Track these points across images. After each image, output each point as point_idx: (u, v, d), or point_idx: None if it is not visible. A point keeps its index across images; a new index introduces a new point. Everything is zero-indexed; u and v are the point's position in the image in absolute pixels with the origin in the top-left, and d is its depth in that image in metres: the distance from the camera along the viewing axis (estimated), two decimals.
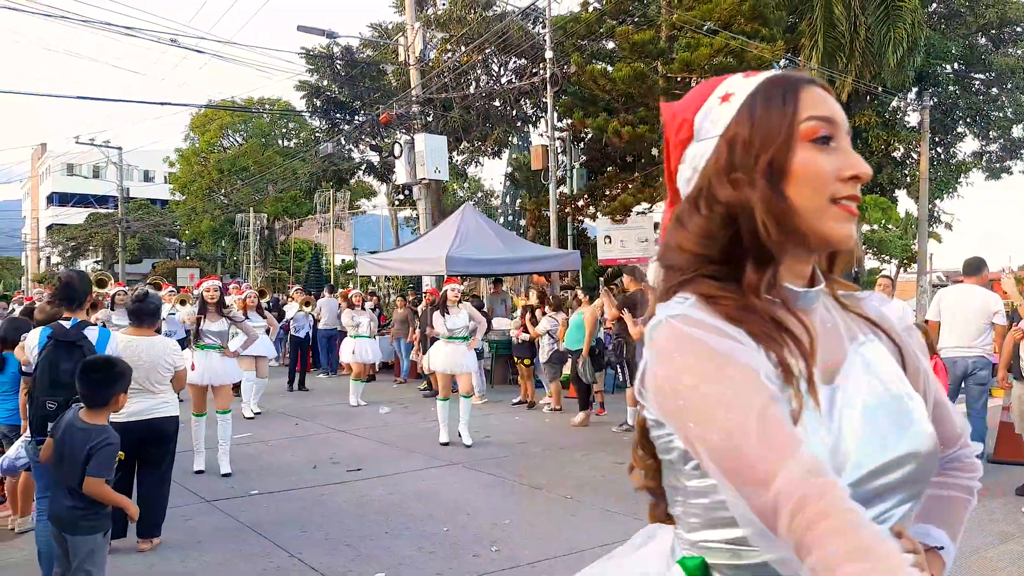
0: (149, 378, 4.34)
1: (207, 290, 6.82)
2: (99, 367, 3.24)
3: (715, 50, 13.75)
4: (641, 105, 15.03)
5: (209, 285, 6.92)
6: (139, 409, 4.33)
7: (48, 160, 63.21)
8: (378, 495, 5.97)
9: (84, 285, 3.98)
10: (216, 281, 7.08)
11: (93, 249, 51.23)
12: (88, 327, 3.86)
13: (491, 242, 13.08)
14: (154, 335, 4.52)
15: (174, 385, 4.57)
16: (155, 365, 4.37)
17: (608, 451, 7.46)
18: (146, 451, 4.27)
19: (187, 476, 6.52)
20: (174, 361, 4.53)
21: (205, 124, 42.66)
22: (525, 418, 9.61)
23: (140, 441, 4.26)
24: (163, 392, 4.49)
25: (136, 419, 4.30)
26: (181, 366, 4.62)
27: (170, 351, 4.55)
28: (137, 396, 4.31)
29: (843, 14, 16.84)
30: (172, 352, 4.56)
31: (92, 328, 3.90)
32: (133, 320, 4.46)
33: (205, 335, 6.69)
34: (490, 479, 6.47)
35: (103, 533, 3.21)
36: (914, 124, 21.35)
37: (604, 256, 16.41)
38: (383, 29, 22.55)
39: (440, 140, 16.57)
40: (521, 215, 22.57)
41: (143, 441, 4.29)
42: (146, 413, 4.37)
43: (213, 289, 6.84)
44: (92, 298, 4.28)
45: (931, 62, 19.75)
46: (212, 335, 6.73)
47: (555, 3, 16.56)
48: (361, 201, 44.87)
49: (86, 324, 3.86)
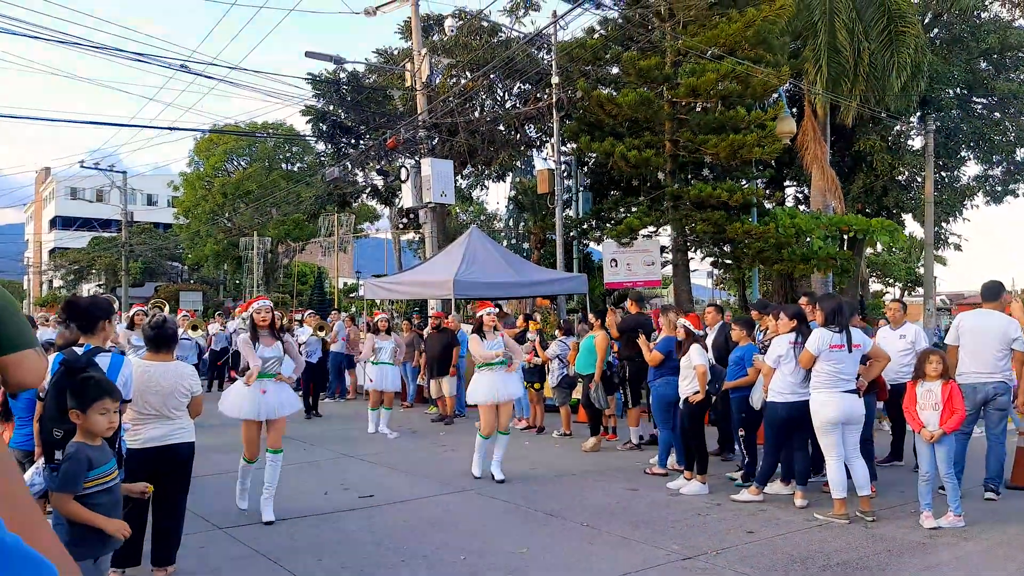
0: (167, 404, 4.30)
1: (257, 312, 6.03)
2: (85, 380, 3.22)
3: (720, 75, 13.85)
4: (646, 130, 15.12)
5: (260, 307, 6.08)
6: (156, 435, 4.28)
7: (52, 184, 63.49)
8: (392, 522, 5.90)
9: (97, 310, 3.94)
10: (267, 301, 6.22)
11: (96, 272, 51.34)
12: (101, 353, 3.83)
13: (498, 265, 13.07)
14: (172, 361, 4.49)
15: (191, 411, 4.50)
16: (172, 391, 4.33)
17: (621, 477, 7.38)
18: (162, 477, 4.19)
19: (199, 502, 6.44)
20: (191, 386, 4.46)
21: (209, 148, 42.89)
22: (535, 443, 9.53)
23: (156, 467, 4.20)
24: (180, 417, 4.42)
25: (153, 445, 4.25)
26: (198, 391, 4.54)
27: (187, 376, 4.49)
28: (154, 422, 4.28)
29: (847, 40, 16.96)
30: (189, 377, 4.50)
31: (104, 355, 3.85)
32: (151, 346, 4.41)
33: (261, 363, 5.90)
34: (504, 506, 6.39)
35: (93, 560, 3.11)
36: (918, 148, 21.44)
37: (610, 279, 16.40)
38: (389, 55, 22.72)
39: (447, 164, 16.65)
40: (525, 238, 22.59)
41: (159, 467, 4.23)
42: (163, 439, 4.31)
43: (265, 311, 6.03)
44: (113, 325, 4.17)
45: (934, 87, 19.88)
46: (267, 363, 5.96)
47: (560, 29, 16.64)
48: (364, 224, 45.00)
49: (99, 350, 3.83)
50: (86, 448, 3.15)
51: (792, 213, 15.91)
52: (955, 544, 5.26)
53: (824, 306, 5.91)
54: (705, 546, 5.22)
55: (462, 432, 10.39)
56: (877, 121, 19.36)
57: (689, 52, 14.64)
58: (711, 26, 14.44)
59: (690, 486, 6.68)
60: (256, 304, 6.15)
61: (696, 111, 15.24)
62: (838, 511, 5.74)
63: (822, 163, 17.92)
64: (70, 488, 3.06)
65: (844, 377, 5.76)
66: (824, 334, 5.77)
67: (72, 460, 3.09)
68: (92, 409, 3.16)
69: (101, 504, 3.10)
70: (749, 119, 14.11)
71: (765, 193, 15.49)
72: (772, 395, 6.18)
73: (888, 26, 17.34)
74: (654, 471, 7.45)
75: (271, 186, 37.71)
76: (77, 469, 3.09)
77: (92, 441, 3.15)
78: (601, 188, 18.14)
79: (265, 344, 5.96)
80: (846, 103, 17.31)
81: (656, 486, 6.98)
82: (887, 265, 37.63)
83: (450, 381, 11.36)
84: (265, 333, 6.00)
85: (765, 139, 13.84)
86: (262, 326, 5.99)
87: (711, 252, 18.16)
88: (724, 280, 30.83)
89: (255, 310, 6.05)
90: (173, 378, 4.33)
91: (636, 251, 15.97)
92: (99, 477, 3.15)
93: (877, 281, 39.63)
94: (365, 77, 22.31)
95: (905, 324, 8.08)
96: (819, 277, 16.95)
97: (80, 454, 3.12)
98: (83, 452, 3.13)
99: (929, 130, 20.10)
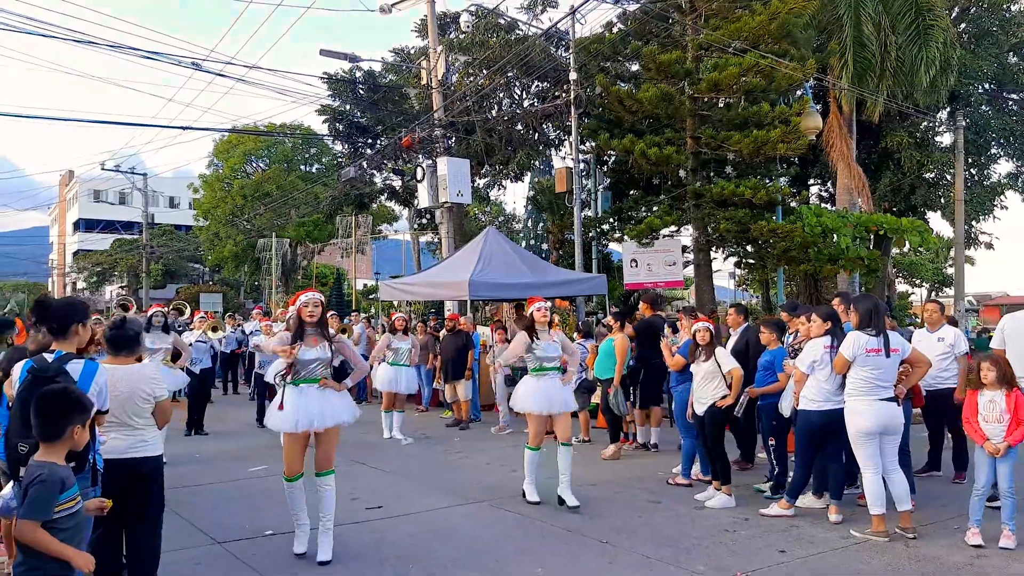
0: (125, 410, 3.90)
1: (305, 307, 5.18)
2: (51, 395, 2.87)
3: (744, 69, 13.43)
4: (667, 126, 14.73)
5: (309, 299, 5.21)
6: (117, 447, 3.88)
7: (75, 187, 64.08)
8: (399, 536, 5.59)
9: (70, 312, 3.59)
10: (316, 294, 5.33)
11: (118, 274, 51.68)
12: (72, 360, 3.49)
13: (515, 266, 12.76)
14: (133, 363, 4.07)
15: (157, 419, 4.07)
16: (131, 396, 3.91)
17: (643, 488, 7.03)
18: (128, 493, 3.81)
19: (196, 513, 6.19)
20: (153, 390, 4.02)
21: (228, 150, 42.98)
22: (552, 450, 9.17)
23: (120, 482, 3.79)
24: (143, 428, 3.99)
25: (114, 457, 3.85)
26: (162, 395, 4.08)
27: (148, 379, 4.04)
28: (115, 431, 3.90)
29: (873, 33, 16.46)
30: (150, 380, 4.05)
31: (76, 361, 3.50)
32: (110, 348, 3.97)
33: (303, 366, 5.14)
34: (518, 519, 6.07)
35: None
36: (947, 145, 20.87)
37: (630, 280, 16.02)
38: (405, 54, 22.51)
39: (463, 163, 16.35)
40: (543, 239, 22.26)
41: (122, 483, 3.82)
42: (123, 452, 3.89)
43: (314, 304, 5.19)
44: (88, 328, 3.73)
45: (963, 82, 19.31)
46: (310, 366, 5.16)
47: (579, 24, 16.30)
48: (383, 226, 44.93)
49: (70, 357, 3.49)
50: (57, 469, 2.84)
51: (818, 212, 15.40)
52: (1005, 566, 4.86)
53: (859, 307, 5.52)
54: (734, 567, 4.86)
55: (477, 438, 10.09)
56: (904, 117, 18.82)
57: (711, 46, 14.23)
58: (733, 19, 14.02)
59: (717, 499, 6.30)
60: (304, 296, 5.26)
61: (718, 107, 14.81)
62: (876, 528, 5.35)
63: (848, 160, 17.42)
64: (40, 515, 2.73)
65: (881, 384, 5.37)
66: (860, 337, 5.38)
67: (43, 483, 2.75)
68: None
69: (67, 529, 2.78)
70: (773, 114, 13.67)
71: (792, 191, 15.00)
72: (804, 402, 5.79)
73: (916, 19, 16.81)
74: (677, 482, 7.08)
75: (289, 187, 37.66)
76: (48, 493, 2.75)
77: (60, 460, 2.85)
78: (620, 187, 17.74)
79: (309, 344, 5.14)
80: (872, 98, 16.81)
81: (679, 498, 6.61)
82: (913, 265, 36.92)
83: (465, 384, 11.07)
84: (312, 331, 5.17)
85: (790, 135, 13.39)
86: (309, 322, 5.16)
87: (735, 252, 17.70)
88: (747, 281, 30.27)
89: (303, 303, 5.19)
90: (133, 381, 3.92)
91: (657, 251, 15.57)
92: (69, 500, 2.83)
93: (903, 282, 38.85)
94: (381, 76, 22.12)
95: (943, 326, 7.65)
96: (845, 277, 16.46)
97: (53, 476, 2.78)
98: (55, 474, 2.80)
99: (959, 126, 19.54)
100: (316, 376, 5.14)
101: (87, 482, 3.35)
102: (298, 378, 5.12)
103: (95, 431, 3.46)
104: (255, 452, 8.87)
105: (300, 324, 5.16)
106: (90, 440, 3.34)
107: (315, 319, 5.17)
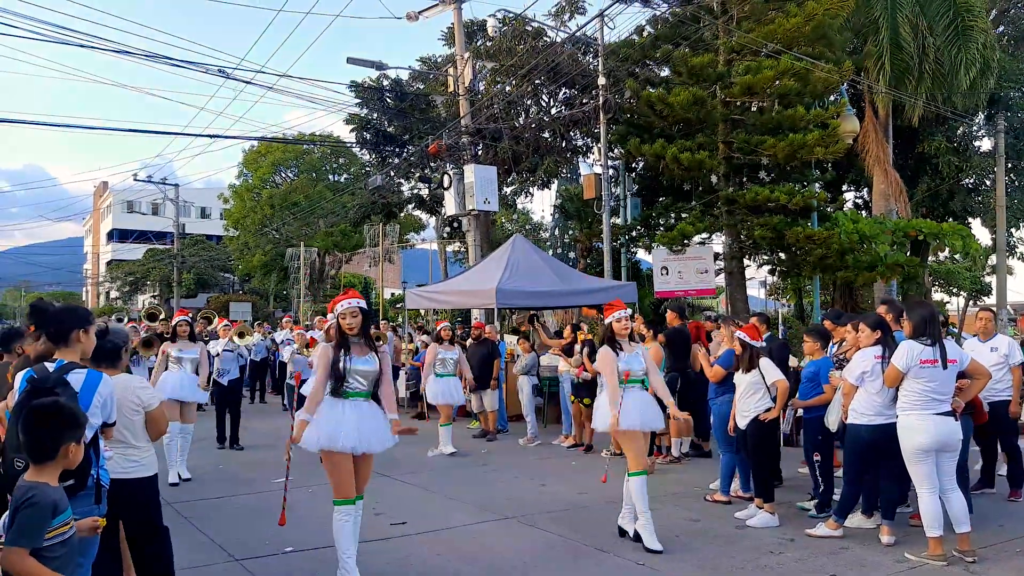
0: (117, 423, 3.62)
1: (343, 317, 4.57)
2: (40, 411, 2.63)
3: (778, 72, 13.10)
4: (699, 131, 14.42)
5: (345, 309, 4.57)
6: (110, 466, 3.60)
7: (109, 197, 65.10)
8: (424, 556, 5.34)
9: (70, 318, 3.35)
10: (354, 301, 4.66)
11: (150, 284, 52.25)
12: (74, 369, 3.27)
13: (543, 273, 12.50)
14: (119, 374, 3.83)
15: (150, 431, 3.81)
16: (121, 408, 3.66)
17: (680, 504, 6.71)
18: (121, 518, 3.54)
19: (216, 528, 6.00)
20: (141, 398, 3.78)
21: (257, 160, 43.34)
22: (582, 463, 8.90)
23: (113, 504, 3.50)
24: (136, 446, 3.76)
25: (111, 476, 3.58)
26: (152, 404, 3.82)
27: (136, 388, 3.81)
28: (108, 445, 3.62)
29: (910, 35, 16.01)
30: (138, 388, 3.82)
31: (79, 371, 3.26)
32: (90, 360, 3.65)
33: (352, 377, 4.55)
34: (549, 538, 5.78)
35: None
36: (986, 149, 20.27)
37: (660, 288, 15.69)
38: (432, 63, 22.43)
39: (490, 171, 16.17)
40: (571, 247, 22.00)
41: (115, 505, 3.55)
42: (114, 471, 3.64)
43: (351, 315, 4.56)
44: (91, 337, 3.45)
45: (1002, 85, 18.75)
46: (360, 377, 4.58)
47: (607, 29, 16.08)
48: (410, 235, 44.96)
49: (73, 366, 3.27)
50: (49, 491, 2.59)
51: (855, 217, 14.98)
52: None
53: (913, 315, 5.17)
54: None
55: (505, 451, 9.83)
56: (942, 121, 18.29)
57: (743, 49, 13.91)
58: (766, 21, 13.69)
59: (759, 517, 5.97)
60: (341, 305, 4.60)
61: (751, 110, 14.46)
62: (934, 551, 5.00)
63: (884, 165, 16.94)
64: (29, 541, 2.48)
65: (938, 397, 5.02)
66: (914, 347, 5.04)
67: (33, 506, 2.51)
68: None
69: (57, 558, 2.54)
70: (809, 118, 13.30)
71: (827, 197, 14.57)
72: (854, 416, 5.46)
73: (954, 20, 16.33)
74: (716, 498, 6.76)
75: (317, 197, 37.82)
76: (40, 519, 2.51)
77: (53, 481, 2.62)
78: (650, 193, 17.43)
79: (358, 354, 4.56)
80: (910, 102, 16.33)
81: (719, 516, 6.29)
82: (951, 274, 36.07)
83: (491, 395, 10.82)
84: (357, 340, 4.59)
85: (828, 138, 13.01)
86: (350, 332, 4.57)
87: (769, 260, 17.27)
88: (779, 290, 29.66)
89: (340, 313, 4.57)
90: (119, 393, 3.66)
91: (688, 258, 15.22)
92: (61, 525, 2.58)
93: (940, 290, 37.93)
94: (409, 84, 22.04)
95: (996, 336, 7.27)
96: (882, 285, 15.97)
97: (44, 499, 2.53)
98: (47, 496, 2.55)
99: (999, 130, 18.95)
100: (365, 391, 4.58)
101: (90, 500, 3.12)
102: (349, 390, 4.54)
103: (100, 445, 3.26)
104: (279, 463, 8.68)
105: (343, 335, 4.59)
106: (94, 455, 3.13)
107: (355, 331, 4.58)
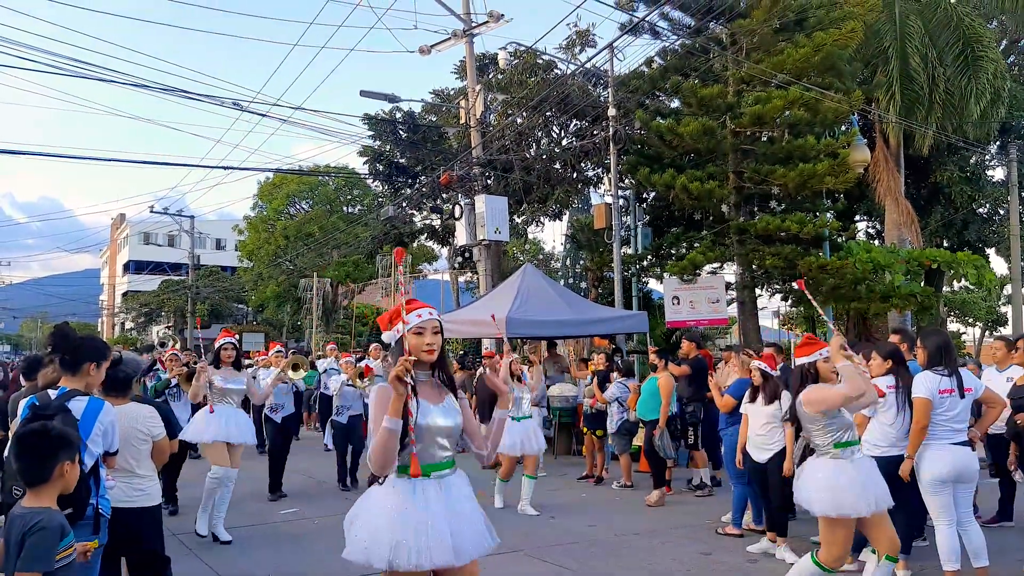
0: (122, 453, 3.66)
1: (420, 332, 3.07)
2: (28, 435, 2.65)
3: (788, 102, 13.13)
4: (708, 161, 14.45)
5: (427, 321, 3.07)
6: (113, 495, 3.64)
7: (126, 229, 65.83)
8: None
9: (88, 349, 3.34)
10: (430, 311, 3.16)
11: (165, 315, 52.58)
12: (76, 397, 3.26)
13: (553, 303, 12.47)
14: (128, 403, 3.89)
15: (155, 459, 3.85)
16: (128, 436, 3.72)
17: (691, 537, 6.59)
18: (124, 547, 3.54)
19: (220, 559, 5.93)
20: (149, 429, 3.84)
21: (272, 192, 43.79)
22: (592, 495, 8.79)
23: (116, 533, 3.51)
24: (142, 476, 3.79)
25: (111, 504, 3.59)
26: (159, 433, 3.86)
27: (143, 418, 3.86)
28: (111, 475, 3.65)
29: (920, 66, 16.06)
30: (147, 419, 3.87)
31: (80, 399, 3.26)
32: (102, 389, 3.74)
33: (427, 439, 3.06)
34: (557, 571, 5.69)
35: None
36: (999, 179, 20.22)
37: (672, 318, 15.60)
38: (445, 95, 22.69)
39: (501, 201, 16.22)
40: (582, 277, 22.00)
41: (119, 534, 3.55)
42: (120, 500, 3.66)
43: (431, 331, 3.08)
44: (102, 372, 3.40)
45: (1013, 114, 18.76)
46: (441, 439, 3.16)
47: (617, 61, 16.22)
48: (423, 265, 45.16)
49: (75, 394, 3.26)
50: (55, 514, 2.62)
51: (868, 247, 14.90)
52: None
53: (928, 344, 5.10)
54: None
55: (514, 483, 9.69)
56: (953, 151, 18.27)
57: (753, 79, 13.98)
58: (775, 52, 13.77)
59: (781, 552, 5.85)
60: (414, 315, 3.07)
61: (761, 140, 14.49)
62: None
63: (896, 195, 16.89)
64: (41, 566, 2.51)
65: (955, 427, 4.93)
66: (931, 377, 4.97)
67: (43, 531, 2.53)
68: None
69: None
70: (819, 148, 13.30)
71: (840, 226, 14.53)
72: (867, 447, 5.34)
73: (964, 50, 16.38)
74: (728, 531, 6.64)
75: (331, 228, 38.09)
76: (51, 542, 2.54)
77: (53, 504, 2.63)
78: (661, 223, 17.44)
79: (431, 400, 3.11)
80: (921, 131, 16.33)
81: (731, 549, 6.17)
82: (965, 304, 35.80)
83: None
84: (425, 377, 3.14)
85: (838, 167, 13.00)
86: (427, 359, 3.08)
87: (781, 289, 17.19)
88: (792, 319, 29.49)
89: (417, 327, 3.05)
90: (128, 421, 3.73)
91: (699, 288, 15.16)
92: (66, 548, 2.61)
93: (955, 320, 37.60)
94: (421, 117, 22.29)
95: (1011, 366, 7.16)
96: (896, 315, 15.83)
97: (51, 523, 2.57)
98: (54, 520, 2.59)
99: (1011, 159, 18.89)
100: (447, 460, 3.12)
101: (88, 531, 3.10)
102: (427, 462, 3.03)
103: (101, 474, 3.24)
104: (289, 493, 8.64)
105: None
106: (94, 485, 3.12)
107: (434, 354, 3.07)
